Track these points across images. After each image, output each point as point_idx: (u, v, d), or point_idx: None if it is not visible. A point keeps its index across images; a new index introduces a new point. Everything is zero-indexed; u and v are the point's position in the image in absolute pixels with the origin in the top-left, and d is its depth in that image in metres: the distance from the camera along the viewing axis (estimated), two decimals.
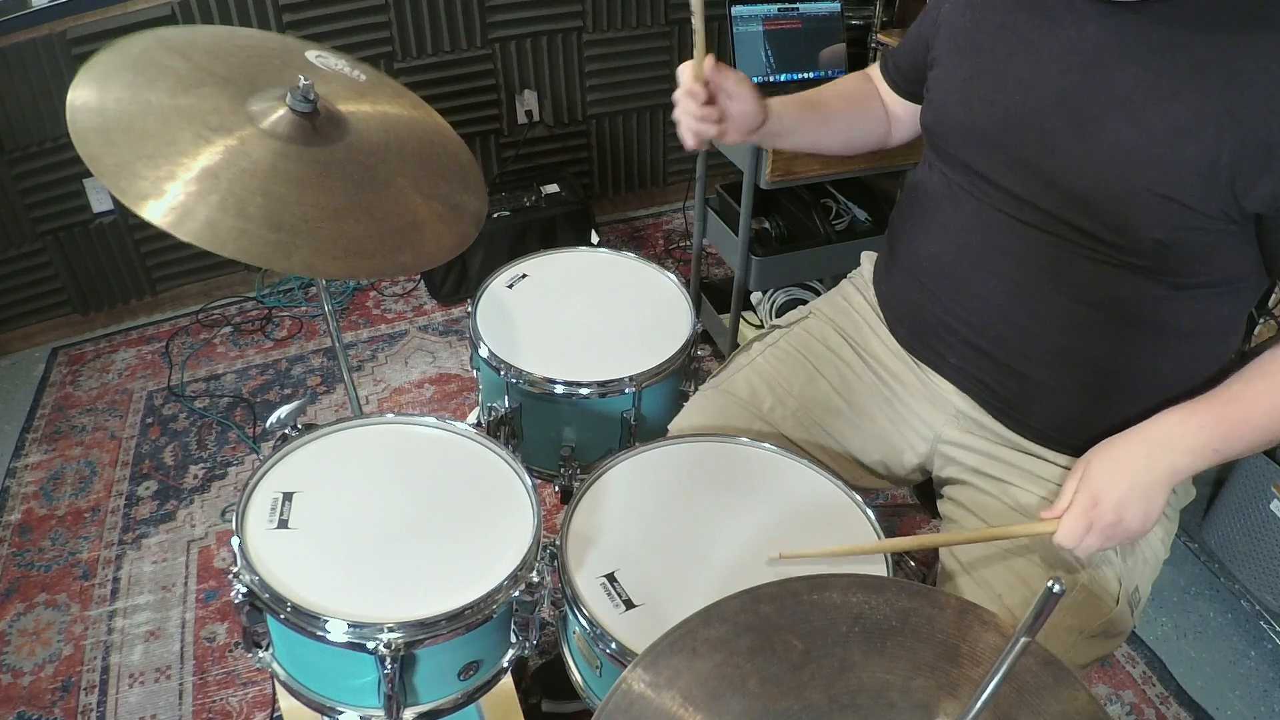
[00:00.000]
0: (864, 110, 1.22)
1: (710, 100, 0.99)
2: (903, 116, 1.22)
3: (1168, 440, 0.88)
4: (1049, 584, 0.48)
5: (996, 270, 0.98)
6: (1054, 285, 0.94)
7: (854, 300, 1.24)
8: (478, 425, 1.16)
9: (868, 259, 1.26)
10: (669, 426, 1.20)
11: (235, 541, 0.93)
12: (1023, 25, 0.94)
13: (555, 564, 0.94)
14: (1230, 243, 0.86)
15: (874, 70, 1.25)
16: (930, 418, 1.11)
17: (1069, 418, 0.99)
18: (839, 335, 1.20)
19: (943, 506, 1.12)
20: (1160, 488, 0.88)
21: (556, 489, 1.29)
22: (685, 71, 0.99)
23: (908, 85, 1.17)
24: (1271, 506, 1.60)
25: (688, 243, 2.91)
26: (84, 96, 0.97)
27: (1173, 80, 0.83)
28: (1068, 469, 1.01)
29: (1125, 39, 0.86)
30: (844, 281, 1.29)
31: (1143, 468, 0.88)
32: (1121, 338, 0.94)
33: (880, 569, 0.94)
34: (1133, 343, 0.94)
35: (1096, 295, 0.93)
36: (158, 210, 0.90)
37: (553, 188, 2.61)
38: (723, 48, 2.81)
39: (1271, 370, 0.89)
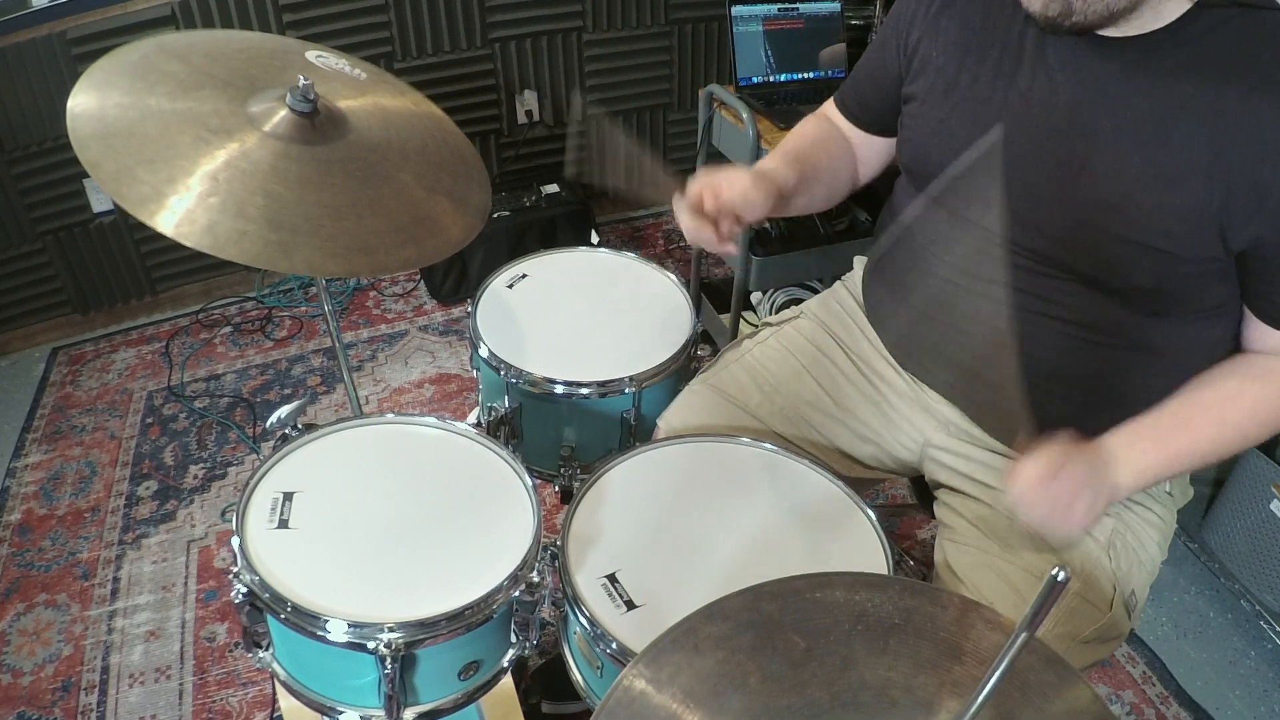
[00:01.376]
0: (837, 155, 1.16)
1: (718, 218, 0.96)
2: (869, 157, 1.18)
3: (1113, 459, 0.88)
4: (1053, 572, 0.47)
5: (984, 293, 0.96)
6: (1042, 310, 0.94)
7: (845, 303, 1.24)
8: (478, 425, 1.16)
9: (859, 263, 1.26)
10: (658, 420, 1.20)
11: (235, 541, 0.93)
12: (1001, 65, 0.92)
13: (556, 564, 0.94)
14: (1218, 278, 0.86)
15: (831, 110, 1.20)
16: (920, 423, 1.11)
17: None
18: (829, 337, 1.20)
19: (938, 509, 1.12)
20: (1104, 495, 0.87)
21: (556, 489, 1.29)
22: (683, 208, 0.95)
23: (875, 120, 1.13)
24: (1271, 506, 1.60)
25: (688, 242, 2.91)
26: (84, 103, 0.97)
27: (1157, 124, 0.82)
28: None
29: (1107, 81, 0.84)
30: (837, 284, 1.29)
31: (1100, 469, 0.87)
32: (1112, 359, 0.94)
33: (881, 567, 0.94)
34: (1123, 363, 0.94)
35: (1085, 319, 0.92)
36: (159, 215, 0.90)
37: (553, 188, 2.61)
38: (723, 48, 2.81)
39: (1217, 396, 0.89)
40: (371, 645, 0.85)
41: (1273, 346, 0.90)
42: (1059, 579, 0.46)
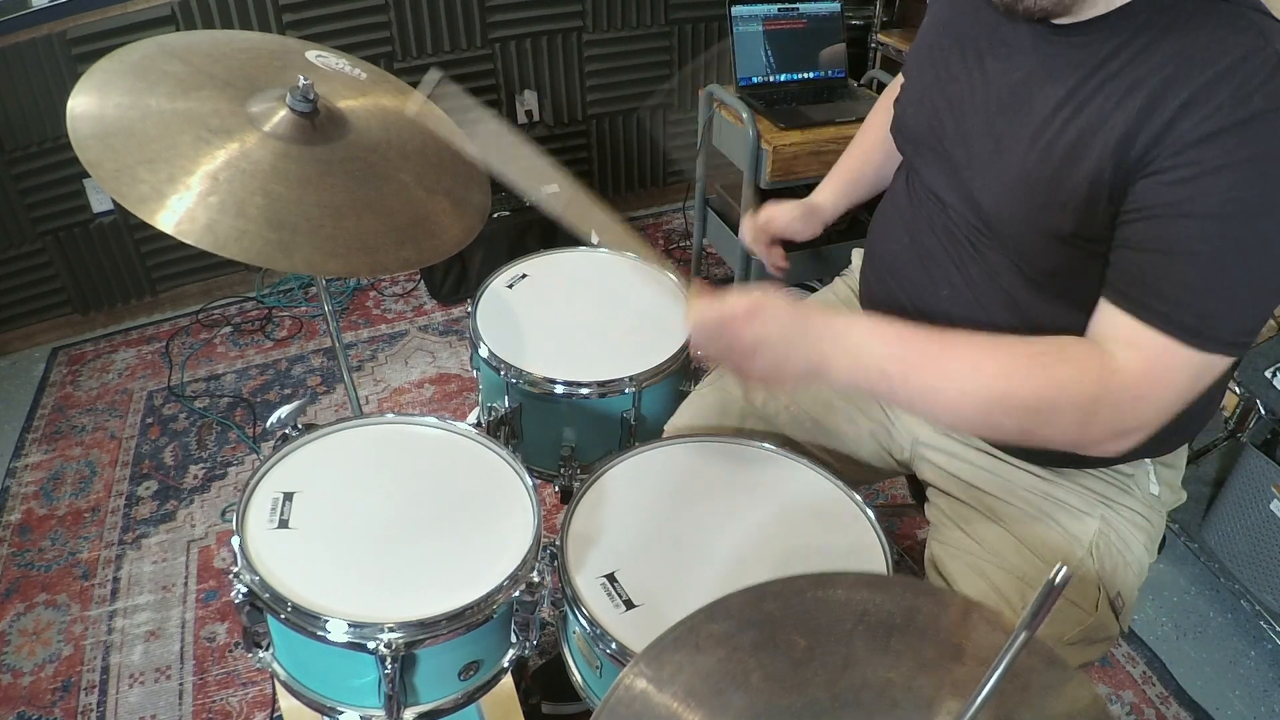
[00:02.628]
0: (892, 158, 1.17)
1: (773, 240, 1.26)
2: None
3: (843, 332, 0.81)
4: (1051, 574, 0.47)
5: (947, 279, 0.98)
6: (994, 296, 0.93)
7: (844, 297, 1.25)
8: (478, 425, 1.16)
9: (858, 255, 1.27)
10: (665, 426, 1.20)
11: (235, 541, 0.92)
12: (975, 46, 0.94)
13: (555, 564, 0.94)
14: None
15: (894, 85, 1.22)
16: (910, 418, 1.12)
17: None
18: None
19: (927, 509, 1.12)
20: (800, 361, 0.80)
21: (556, 489, 1.29)
22: (745, 230, 1.27)
23: None
24: (1271, 506, 1.60)
25: (688, 243, 2.91)
26: (84, 104, 0.97)
27: (1079, 99, 0.81)
28: (1040, 477, 1.01)
29: (1051, 59, 0.85)
30: (837, 279, 1.30)
31: (799, 330, 0.81)
32: None
33: (880, 568, 0.94)
34: None
35: (1030, 308, 0.91)
36: (159, 214, 0.90)
37: (553, 188, 2.61)
38: (723, 48, 2.81)
39: (1000, 341, 0.80)
40: (371, 645, 0.85)
41: (1101, 330, 0.80)
42: (1057, 581, 0.47)
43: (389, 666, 0.86)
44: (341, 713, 0.94)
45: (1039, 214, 0.84)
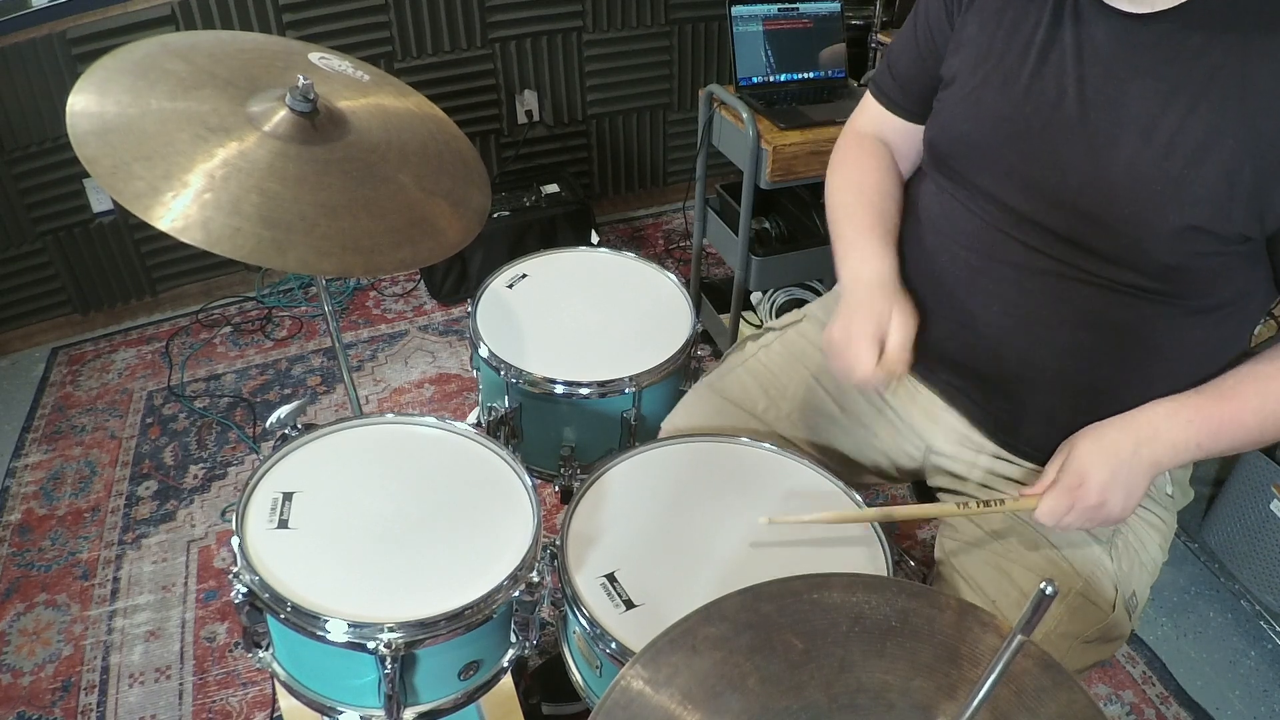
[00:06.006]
0: (898, 175, 1.13)
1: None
2: (911, 152, 1.14)
3: (1154, 433, 0.88)
4: (1041, 586, 0.48)
5: (997, 294, 0.96)
6: (1055, 310, 0.93)
7: None
8: (478, 425, 1.16)
9: None
10: (661, 425, 1.20)
11: (235, 541, 0.93)
12: (1033, 39, 0.91)
13: (555, 564, 0.94)
14: (1241, 262, 0.85)
15: (868, 116, 1.15)
16: (923, 429, 1.11)
17: (1057, 440, 0.97)
18: None
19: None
20: (1143, 477, 0.88)
21: (556, 489, 1.29)
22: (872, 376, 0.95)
23: (922, 108, 1.08)
24: (1271, 506, 1.60)
25: (688, 243, 2.91)
26: (84, 101, 0.97)
27: (1187, 94, 0.81)
28: None
29: (1137, 50, 0.84)
30: (839, 285, 1.28)
31: (1128, 456, 0.88)
32: (1120, 362, 0.93)
33: (881, 567, 0.94)
34: (1130, 367, 0.93)
35: (1098, 320, 0.91)
36: (153, 210, 0.91)
37: (553, 188, 2.62)
38: (723, 48, 2.81)
39: (1265, 373, 0.88)
40: (371, 645, 0.85)
41: None
42: (1047, 593, 0.48)
43: (389, 666, 0.86)
44: (341, 713, 0.94)
45: (1166, 209, 0.83)
